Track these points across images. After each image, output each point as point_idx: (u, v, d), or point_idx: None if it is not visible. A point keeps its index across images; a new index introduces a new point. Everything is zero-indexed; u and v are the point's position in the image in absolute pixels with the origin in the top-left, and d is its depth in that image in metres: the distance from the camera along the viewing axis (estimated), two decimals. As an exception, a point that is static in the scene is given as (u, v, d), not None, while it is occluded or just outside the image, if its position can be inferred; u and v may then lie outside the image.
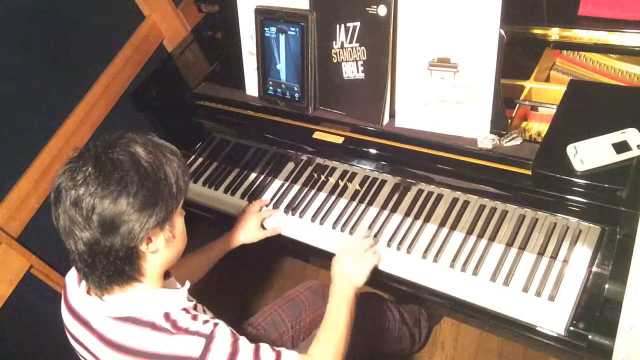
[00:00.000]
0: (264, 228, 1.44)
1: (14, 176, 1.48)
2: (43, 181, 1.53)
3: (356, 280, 1.20)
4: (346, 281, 1.19)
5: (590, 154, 1.02)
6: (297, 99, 1.40)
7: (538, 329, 1.11)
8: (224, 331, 0.96)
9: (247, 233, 1.41)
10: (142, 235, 0.91)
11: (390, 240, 1.32)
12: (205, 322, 0.96)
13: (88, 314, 1.01)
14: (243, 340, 0.97)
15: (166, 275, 1.08)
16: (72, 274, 1.07)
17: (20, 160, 1.51)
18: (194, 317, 0.97)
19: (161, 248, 0.96)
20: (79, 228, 0.89)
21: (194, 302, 1.04)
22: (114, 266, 0.92)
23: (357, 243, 1.27)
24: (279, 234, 1.44)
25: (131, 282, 0.96)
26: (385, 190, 1.40)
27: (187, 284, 1.04)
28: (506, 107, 1.18)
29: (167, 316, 0.96)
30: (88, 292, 1.00)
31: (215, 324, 0.96)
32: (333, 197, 1.46)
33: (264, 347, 0.99)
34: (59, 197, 0.91)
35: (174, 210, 0.96)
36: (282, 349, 1.01)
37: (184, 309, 0.98)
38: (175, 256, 1.02)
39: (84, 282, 1.00)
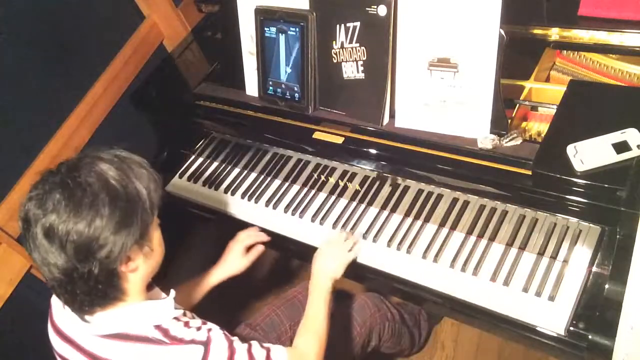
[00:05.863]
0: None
1: (14, 176, 1.48)
2: (43, 181, 1.52)
3: (333, 273, 1.24)
4: (324, 275, 1.24)
5: (590, 154, 1.02)
6: (297, 99, 1.40)
7: (538, 329, 1.11)
8: (218, 335, 0.96)
9: (231, 264, 1.40)
10: (121, 257, 0.89)
11: (390, 240, 1.32)
12: (198, 328, 0.96)
13: (75, 334, 0.99)
14: (237, 341, 0.99)
15: (149, 287, 1.05)
16: None
17: (20, 160, 1.51)
18: (186, 324, 0.96)
19: (140, 264, 0.94)
20: (54, 256, 0.86)
21: (182, 310, 1.03)
22: (95, 290, 0.90)
23: (334, 239, 1.31)
24: (277, 237, 1.43)
25: (114, 302, 0.94)
26: (385, 190, 1.40)
27: (173, 293, 1.02)
28: (506, 107, 1.18)
29: (158, 327, 0.94)
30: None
31: (209, 330, 0.96)
32: (333, 197, 1.46)
33: (255, 345, 1.01)
34: (29, 226, 0.87)
35: (150, 224, 0.94)
36: (270, 345, 1.03)
37: (175, 318, 0.97)
38: (154, 268, 1.00)
39: None
